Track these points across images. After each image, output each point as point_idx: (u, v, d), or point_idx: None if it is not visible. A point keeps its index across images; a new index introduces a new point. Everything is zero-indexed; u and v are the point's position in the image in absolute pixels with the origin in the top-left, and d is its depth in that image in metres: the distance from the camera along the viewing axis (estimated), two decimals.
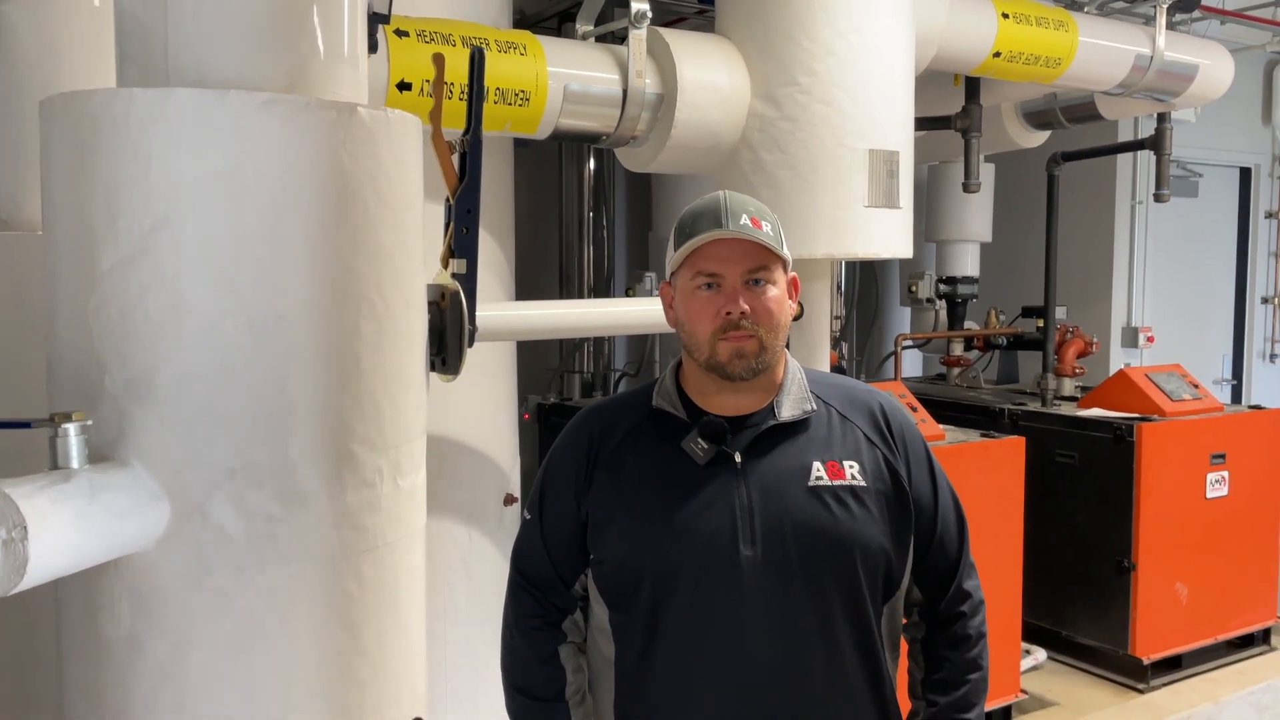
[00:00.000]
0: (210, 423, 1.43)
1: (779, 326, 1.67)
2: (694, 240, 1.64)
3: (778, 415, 1.70)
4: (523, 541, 1.83)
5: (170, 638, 1.44)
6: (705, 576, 1.64)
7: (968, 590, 1.81)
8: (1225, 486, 4.75)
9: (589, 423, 1.79)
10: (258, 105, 1.42)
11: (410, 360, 1.64)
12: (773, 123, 3.34)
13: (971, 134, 4.59)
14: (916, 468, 1.75)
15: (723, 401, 1.71)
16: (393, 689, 1.61)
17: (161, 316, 1.41)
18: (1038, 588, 4.58)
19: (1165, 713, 4.32)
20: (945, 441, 4.08)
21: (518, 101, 3.07)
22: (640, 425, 1.74)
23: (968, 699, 1.77)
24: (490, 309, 2.93)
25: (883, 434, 1.75)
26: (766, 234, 1.64)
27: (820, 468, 1.68)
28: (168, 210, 1.40)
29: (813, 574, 1.65)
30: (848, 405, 1.76)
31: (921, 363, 7.26)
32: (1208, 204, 6.92)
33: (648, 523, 1.67)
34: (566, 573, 1.76)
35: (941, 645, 1.79)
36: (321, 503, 1.49)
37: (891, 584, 1.74)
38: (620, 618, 1.71)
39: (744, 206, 1.67)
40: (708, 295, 1.65)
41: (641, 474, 1.70)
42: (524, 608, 1.80)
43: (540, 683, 1.77)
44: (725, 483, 1.66)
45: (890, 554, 1.70)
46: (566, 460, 1.77)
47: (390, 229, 1.56)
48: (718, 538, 1.63)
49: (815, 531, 1.65)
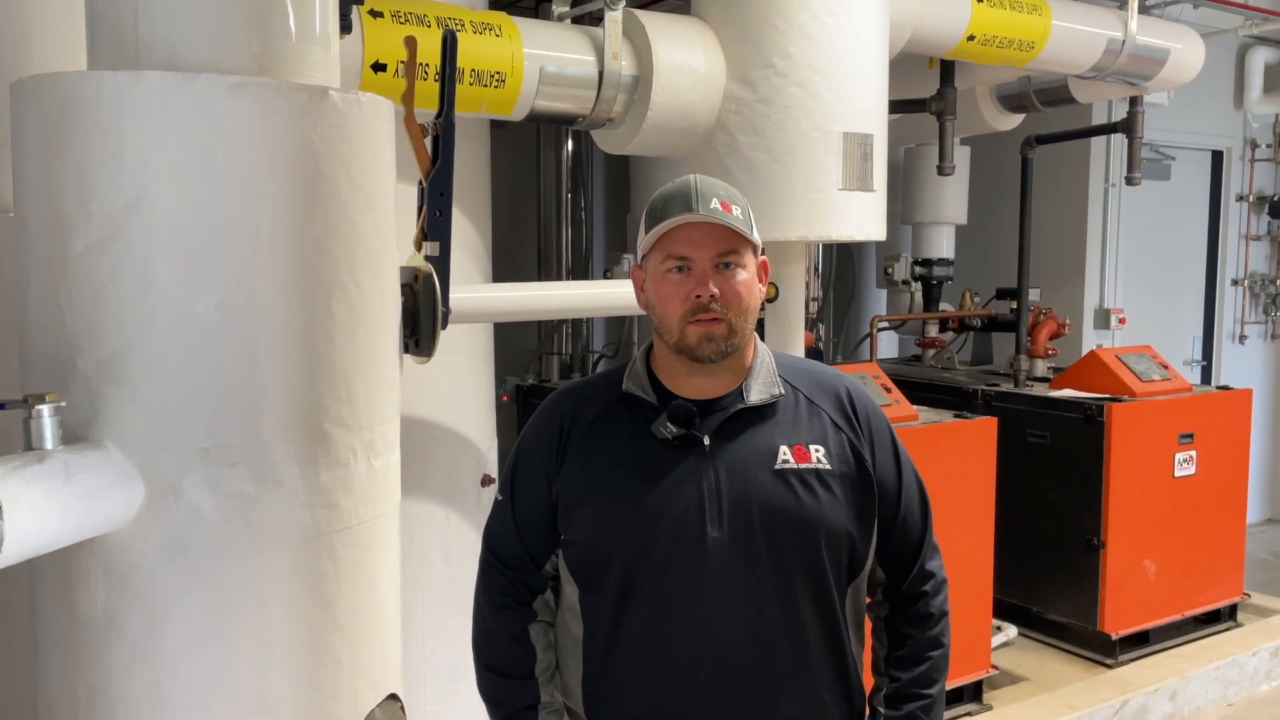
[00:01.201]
0: (183, 403, 1.44)
1: (748, 310, 1.69)
2: (664, 224, 1.65)
3: (746, 399, 1.72)
4: (494, 522, 1.84)
5: (146, 615, 1.45)
6: (673, 557, 1.66)
7: (930, 570, 1.83)
8: (1193, 465, 4.83)
9: (560, 405, 1.81)
10: (228, 88, 1.43)
11: (383, 342, 1.66)
12: (748, 105, 3.35)
13: (946, 117, 4.61)
14: (881, 451, 1.78)
15: (692, 384, 1.73)
16: (368, 666, 1.63)
17: (133, 298, 1.42)
18: (1009, 565, 4.64)
19: (1133, 687, 4.40)
20: (919, 422, 4.12)
21: (493, 83, 3.07)
22: (611, 408, 1.76)
23: (929, 675, 1.80)
24: (465, 291, 2.95)
25: (849, 418, 1.77)
26: (737, 218, 1.66)
27: (787, 451, 1.70)
28: (139, 193, 1.41)
29: (778, 556, 1.67)
30: (815, 390, 1.79)
31: (897, 344, 7.30)
32: (1179, 187, 6.97)
33: (617, 504, 1.69)
34: (537, 553, 1.79)
35: (904, 623, 1.82)
36: (295, 482, 1.51)
37: (855, 565, 1.77)
38: (589, 597, 1.74)
39: (714, 190, 1.68)
40: (678, 278, 1.67)
41: (611, 456, 1.72)
42: (495, 586, 1.82)
43: (511, 660, 1.79)
44: (693, 465, 1.68)
45: (854, 536, 1.73)
46: (538, 442, 1.79)
47: (362, 211, 1.57)
48: (685, 519, 1.66)
49: (781, 514, 1.67)
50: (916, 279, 6.10)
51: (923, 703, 1.79)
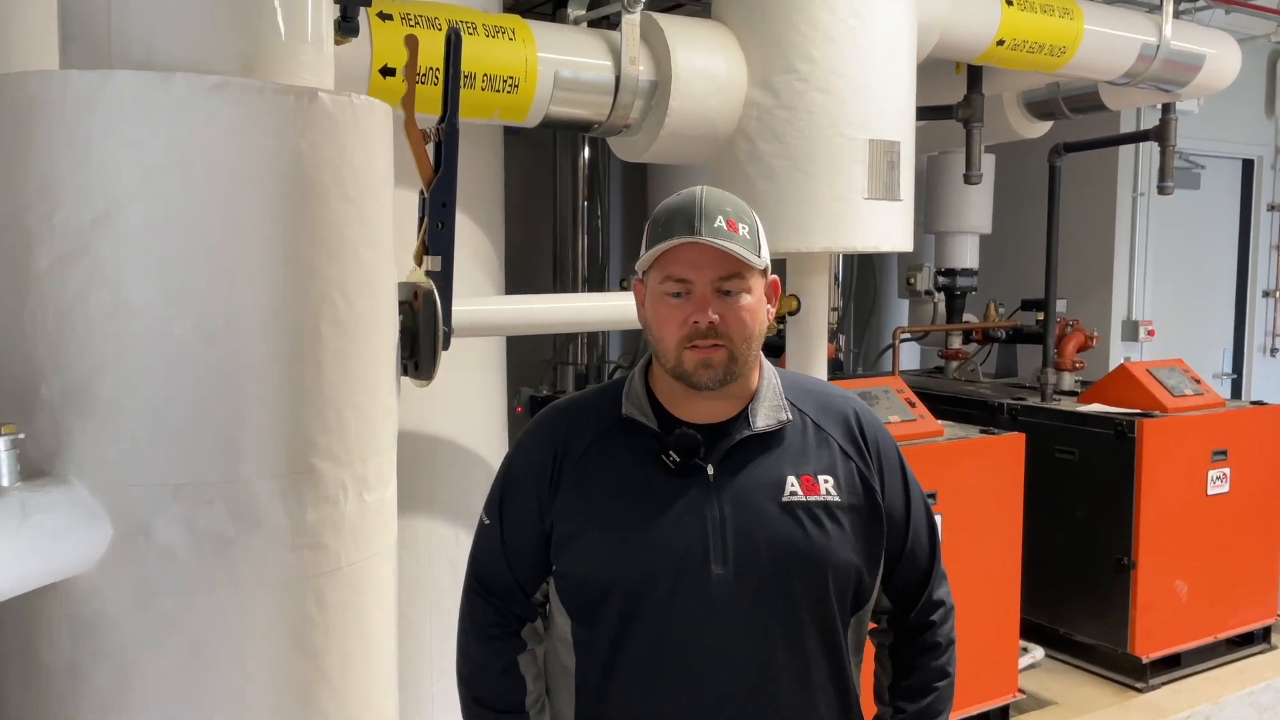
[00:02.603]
0: (155, 435, 1.32)
1: (751, 336, 1.60)
2: (664, 244, 1.56)
3: (752, 425, 1.64)
4: (480, 547, 1.75)
5: (113, 667, 1.33)
6: (675, 594, 1.59)
7: (939, 599, 1.77)
8: (1226, 483, 4.70)
9: (554, 427, 1.71)
10: (206, 89, 1.31)
11: (378, 366, 1.53)
12: (770, 111, 3.23)
13: (973, 124, 4.49)
14: (890, 479, 1.71)
15: (695, 408, 1.65)
16: (359, 718, 1.51)
17: (102, 319, 1.30)
18: (1036, 585, 4.53)
19: (1165, 712, 4.28)
20: (944, 438, 4.00)
21: (506, 88, 2.97)
22: (608, 432, 1.67)
23: (935, 706, 1.74)
24: (474, 304, 2.85)
25: (857, 444, 1.70)
26: (742, 238, 1.57)
27: (795, 482, 1.63)
28: (109, 204, 1.29)
29: (785, 593, 1.60)
30: (822, 414, 1.71)
31: (919, 356, 7.17)
32: (1209, 196, 6.83)
33: (616, 538, 1.61)
34: (527, 582, 1.70)
35: (910, 653, 1.77)
36: (278, 521, 1.38)
37: (861, 598, 1.70)
38: (583, 632, 1.66)
39: (720, 207, 1.58)
40: (676, 302, 1.58)
41: (610, 486, 1.63)
42: (482, 616, 1.73)
43: (501, 694, 1.71)
44: (697, 497, 1.60)
45: (862, 570, 1.67)
46: (529, 468, 1.69)
47: (355, 224, 1.44)
48: (689, 554, 1.58)
49: (789, 550, 1.60)
50: (939, 289, 5.99)
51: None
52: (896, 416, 3.97)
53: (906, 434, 3.90)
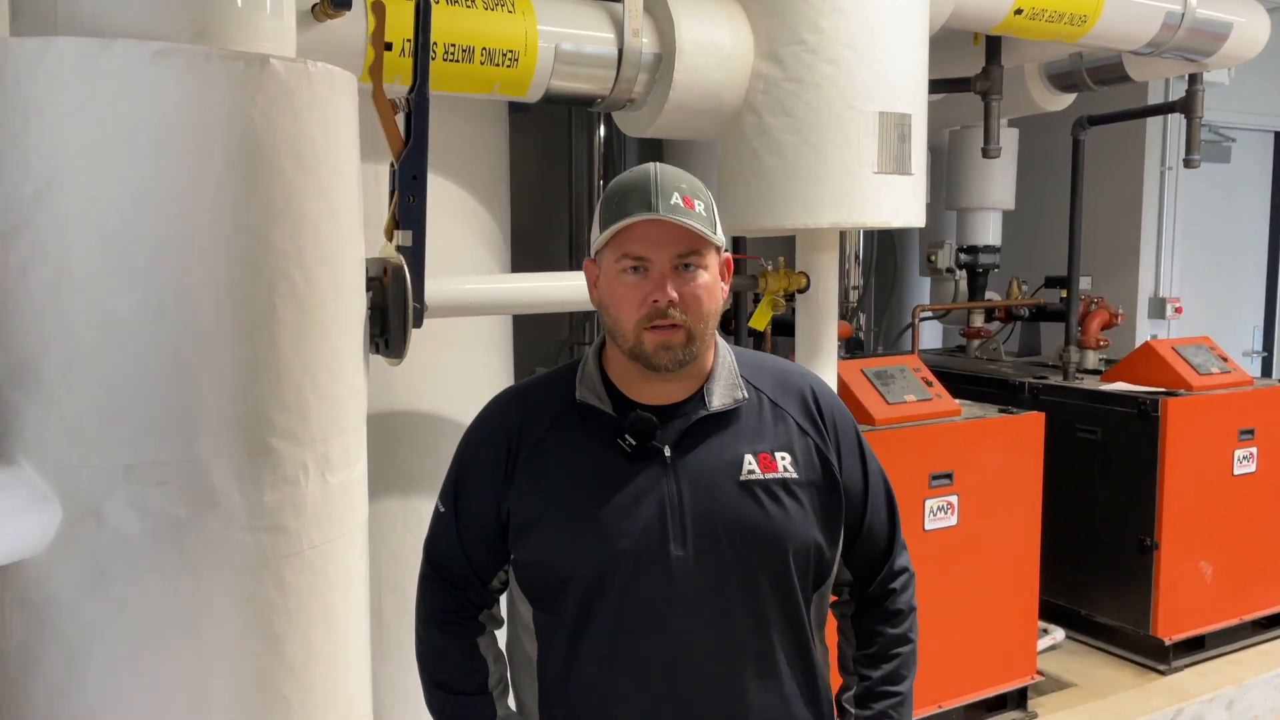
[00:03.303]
0: (104, 415, 1.28)
1: (708, 315, 1.58)
2: (621, 222, 1.53)
3: (708, 405, 1.62)
4: (435, 535, 1.73)
5: (65, 651, 1.30)
6: (635, 578, 1.57)
7: (899, 568, 1.78)
8: (1253, 463, 4.62)
9: (507, 414, 1.69)
10: (149, 56, 1.26)
11: (342, 343, 1.48)
12: (777, 84, 3.15)
13: (992, 96, 4.38)
14: (848, 455, 1.70)
15: (650, 390, 1.62)
16: (324, 706, 1.46)
17: (46, 296, 1.26)
18: (1057, 566, 4.49)
19: (1187, 695, 4.22)
20: (962, 417, 3.94)
21: (505, 62, 2.91)
22: (563, 417, 1.64)
23: (898, 672, 1.75)
24: (464, 282, 2.81)
25: (814, 420, 1.69)
26: (699, 215, 1.54)
27: (752, 460, 1.61)
28: (50, 175, 1.25)
29: (746, 573, 1.59)
30: (779, 391, 1.69)
31: (941, 334, 7.08)
32: (1240, 170, 6.68)
33: (574, 525, 1.59)
34: (483, 569, 1.69)
35: (871, 620, 1.77)
36: (234, 503, 1.34)
37: (822, 574, 1.70)
38: (545, 618, 1.64)
39: (676, 184, 1.55)
40: (634, 280, 1.55)
41: (565, 472, 1.61)
42: (437, 602, 1.72)
43: (462, 677, 1.70)
44: (654, 479, 1.58)
45: (822, 546, 1.66)
46: (483, 456, 1.68)
47: (314, 197, 1.40)
48: (647, 537, 1.57)
49: (747, 529, 1.59)
50: (961, 267, 5.89)
51: (892, 700, 1.74)
52: (913, 396, 3.91)
53: (922, 413, 3.84)
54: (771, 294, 3.41)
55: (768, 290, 3.40)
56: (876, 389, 3.84)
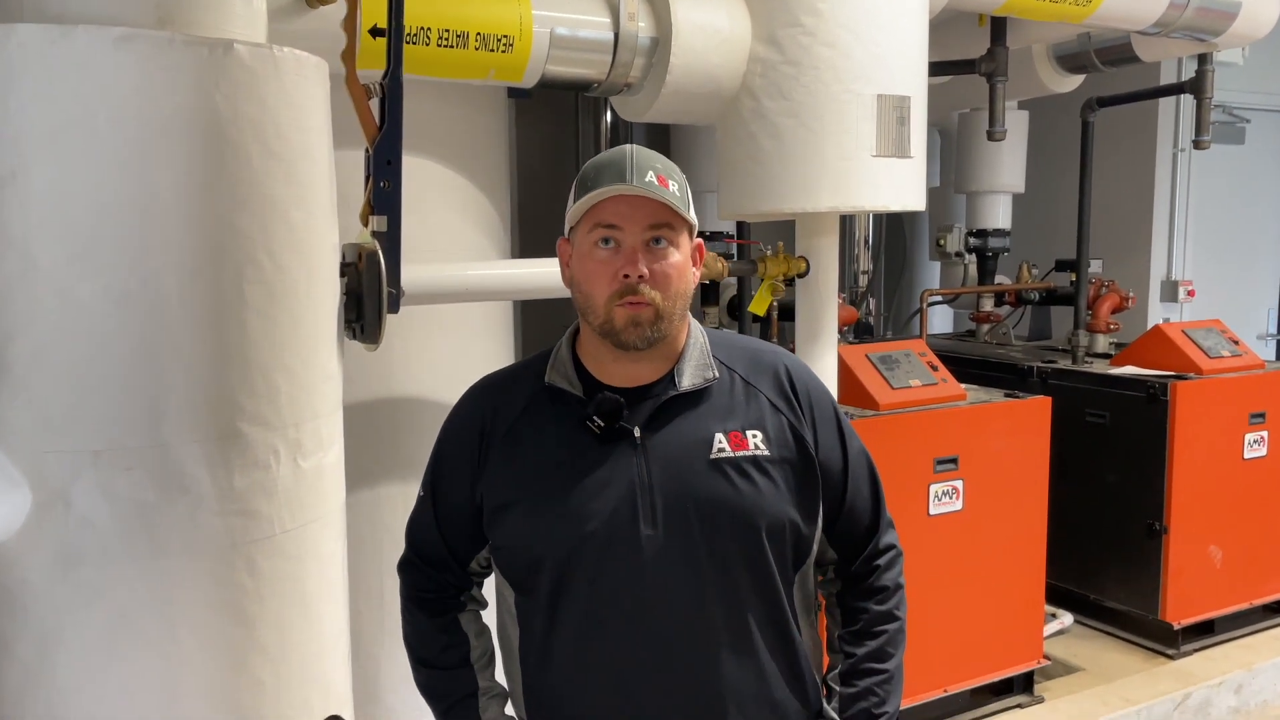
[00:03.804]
0: (70, 401, 1.29)
1: (678, 294, 1.58)
2: (594, 193, 1.53)
3: (678, 385, 1.62)
4: (416, 519, 1.75)
5: (35, 636, 1.31)
6: (605, 558, 1.57)
7: (883, 547, 1.76)
8: (1264, 447, 4.57)
9: (480, 401, 1.70)
10: (111, 42, 1.27)
11: (314, 328, 1.49)
12: (775, 67, 3.14)
13: (997, 78, 4.34)
14: (824, 432, 1.68)
15: (620, 371, 1.62)
16: (300, 688, 1.48)
17: (11, 283, 1.27)
18: (1065, 550, 4.47)
19: (1195, 679, 4.19)
20: (967, 401, 3.92)
21: (500, 47, 2.91)
22: (534, 402, 1.65)
23: (884, 649, 1.73)
24: (448, 269, 2.81)
25: (788, 398, 1.67)
26: (672, 194, 1.54)
27: (722, 439, 1.60)
28: (14, 163, 1.25)
29: (717, 551, 1.58)
30: (751, 370, 1.68)
31: (952, 319, 7.04)
32: (1254, 151, 6.60)
33: (544, 506, 1.59)
34: (461, 553, 1.71)
35: (855, 597, 1.75)
36: (204, 488, 1.35)
37: (801, 553, 1.68)
38: (524, 600, 1.65)
39: (650, 163, 1.56)
40: (606, 255, 1.55)
41: (536, 456, 1.62)
42: (417, 582, 1.75)
43: (442, 651, 1.73)
44: (623, 460, 1.58)
45: (798, 524, 1.64)
46: (458, 442, 1.69)
47: (282, 183, 1.40)
48: (617, 518, 1.56)
49: (718, 507, 1.58)
50: (970, 251, 5.85)
51: (878, 678, 1.72)
52: (918, 380, 3.90)
53: (928, 398, 3.82)
54: (771, 279, 3.40)
55: (767, 275, 3.39)
56: (881, 374, 3.83)
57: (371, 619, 3.01)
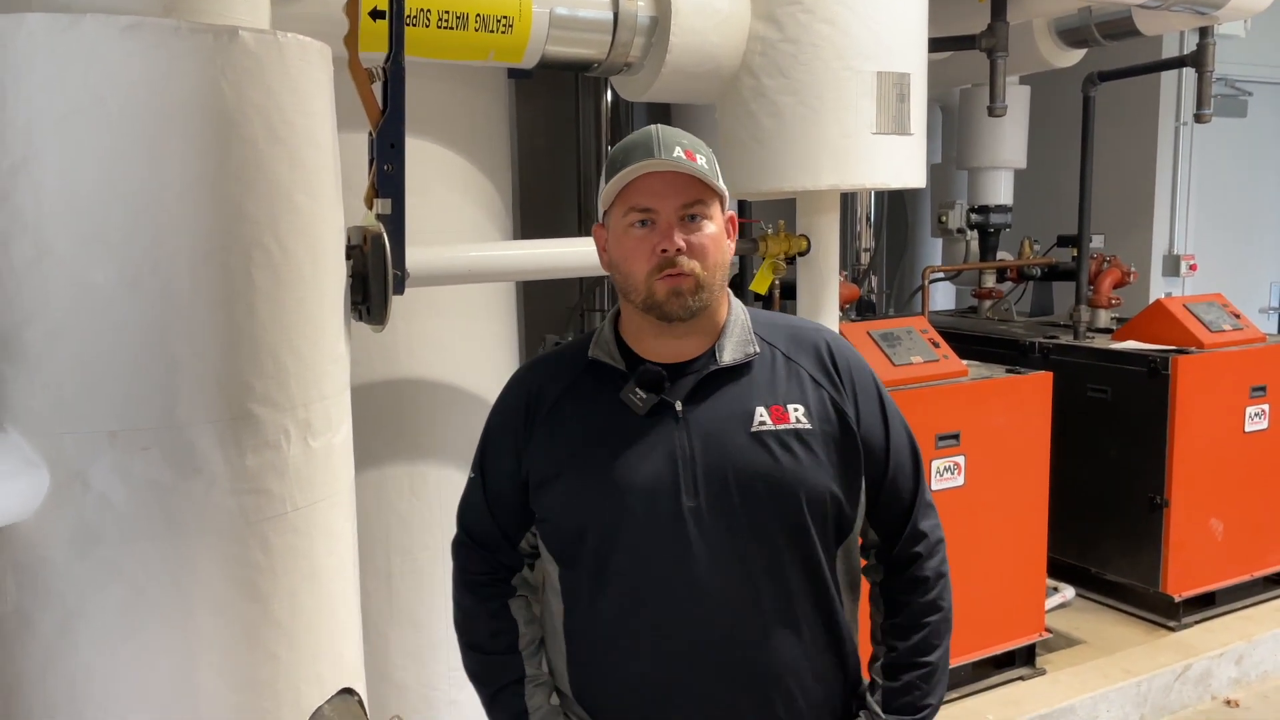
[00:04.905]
0: (86, 383, 1.32)
1: (716, 264, 1.60)
2: (625, 172, 1.56)
3: (719, 359, 1.64)
4: (467, 501, 1.80)
5: (57, 612, 1.34)
6: (647, 530, 1.59)
7: (923, 530, 1.75)
8: (1265, 420, 4.60)
9: (526, 380, 1.75)
10: (119, 30, 1.29)
11: (320, 310, 1.52)
12: (774, 45, 3.14)
13: (997, 53, 4.33)
14: (866, 407, 1.69)
15: (663, 347, 1.65)
16: (313, 662, 1.51)
17: (26, 268, 1.29)
18: (1068, 524, 4.52)
19: (1195, 651, 4.24)
20: (969, 377, 3.95)
21: (500, 28, 2.92)
22: (578, 379, 1.69)
23: (927, 642, 1.72)
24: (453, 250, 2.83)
25: (829, 373, 1.68)
26: (701, 167, 1.57)
27: (763, 412, 1.62)
28: (27, 151, 1.28)
29: (758, 522, 1.60)
30: (792, 345, 1.70)
31: (955, 296, 7.05)
32: (1257, 124, 6.59)
33: (588, 478, 1.62)
34: (511, 531, 1.74)
35: (899, 589, 1.75)
36: (217, 467, 1.38)
37: (844, 527, 1.69)
38: (568, 574, 1.68)
39: (677, 139, 1.59)
40: (641, 233, 1.58)
41: (580, 429, 1.65)
42: (470, 565, 1.78)
43: (491, 637, 1.75)
44: (665, 432, 1.60)
45: (840, 497, 1.65)
46: (505, 419, 1.73)
47: (288, 167, 1.42)
48: (658, 489, 1.58)
49: (758, 478, 1.59)
50: (972, 227, 5.85)
51: (922, 671, 1.71)
52: (919, 357, 3.92)
53: (929, 374, 3.85)
54: (772, 257, 3.41)
55: (768, 253, 3.41)
56: (883, 351, 3.85)
57: (380, 597, 3.05)
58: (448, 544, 3.13)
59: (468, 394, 3.24)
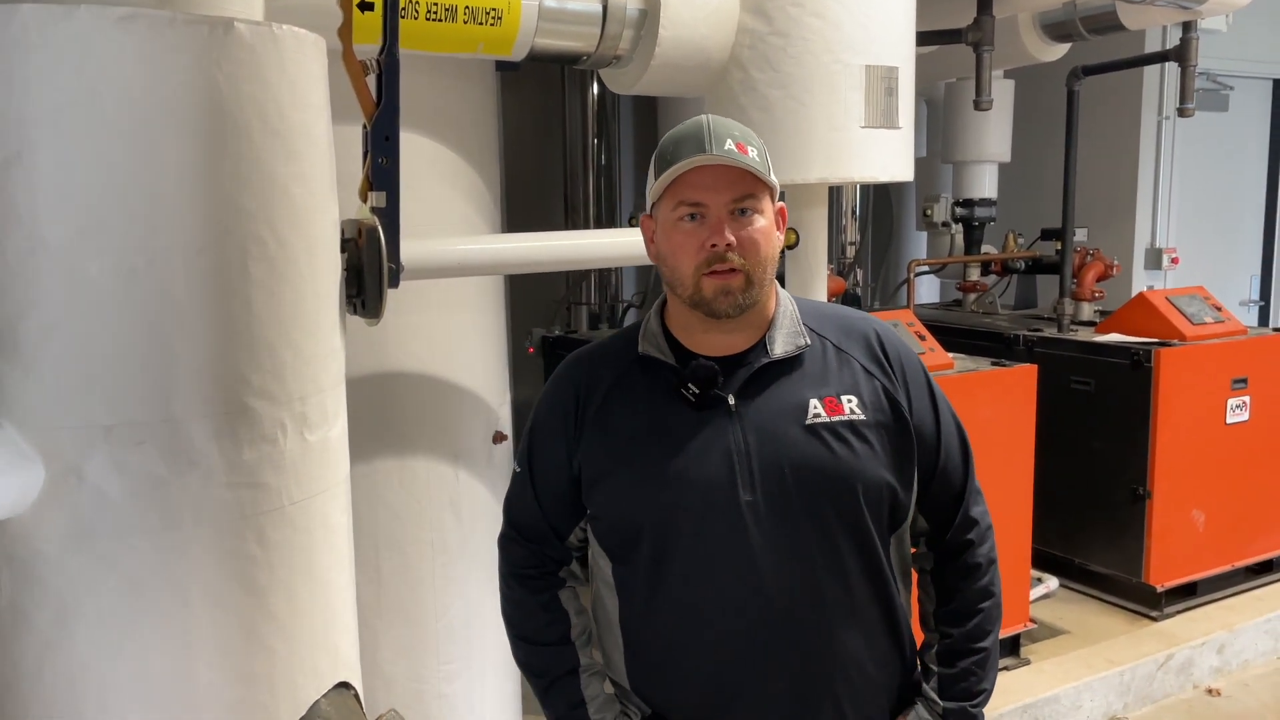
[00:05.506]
0: (81, 377, 1.31)
1: (766, 259, 1.57)
2: (676, 167, 1.53)
3: (770, 352, 1.62)
4: (514, 495, 1.77)
5: (53, 607, 1.34)
6: (705, 525, 1.57)
7: (974, 517, 1.73)
8: (1246, 411, 4.64)
9: (572, 375, 1.71)
10: (113, 22, 1.28)
11: (316, 304, 1.51)
12: (763, 38, 3.15)
13: (983, 48, 4.35)
14: (917, 396, 1.67)
15: (712, 340, 1.63)
16: (310, 656, 1.51)
17: (20, 262, 1.29)
18: (1051, 515, 4.54)
19: (1177, 640, 4.27)
20: (954, 370, 3.97)
21: (489, 20, 2.91)
22: (627, 373, 1.66)
23: (981, 628, 1.71)
24: (444, 244, 2.83)
25: (880, 363, 1.66)
26: (753, 160, 1.53)
27: (817, 404, 1.60)
28: (20, 143, 1.27)
29: (816, 514, 1.58)
30: (843, 336, 1.68)
31: (939, 289, 7.08)
32: (1238, 118, 6.64)
33: (642, 476, 1.60)
34: (560, 526, 1.72)
35: (951, 576, 1.73)
36: (213, 461, 1.38)
37: (898, 516, 1.68)
38: (622, 570, 1.66)
39: (729, 130, 1.55)
40: (691, 227, 1.55)
41: (632, 426, 1.63)
42: (517, 559, 1.76)
43: (543, 628, 1.73)
44: (720, 427, 1.59)
45: (894, 486, 1.64)
46: (553, 415, 1.70)
47: (283, 160, 1.42)
48: (715, 485, 1.57)
49: (815, 470, 1.58)
50: (957, 220, 5.89)
51: (977, 657, 1.71)
52: None
53: None
54: None
55: None
56: None
57: (369, 591, 3.04)
58: (437, 541, 3.14)
59: (456, 387, 3.24)
